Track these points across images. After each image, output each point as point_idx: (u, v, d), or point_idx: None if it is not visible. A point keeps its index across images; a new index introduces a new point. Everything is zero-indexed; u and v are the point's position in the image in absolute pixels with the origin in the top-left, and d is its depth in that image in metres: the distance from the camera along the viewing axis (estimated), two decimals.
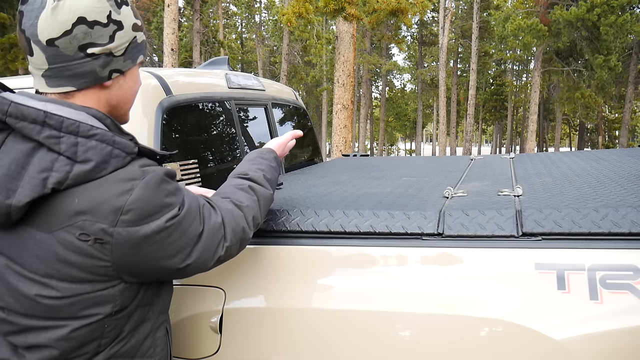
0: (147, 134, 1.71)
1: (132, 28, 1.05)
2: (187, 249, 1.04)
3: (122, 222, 0.93)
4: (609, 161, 2.17)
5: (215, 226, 1.10)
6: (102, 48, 0.99)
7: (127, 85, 1.10)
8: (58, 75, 0.99)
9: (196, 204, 1.09)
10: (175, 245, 1.02)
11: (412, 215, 1.30)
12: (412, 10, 11.38)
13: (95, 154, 0.94)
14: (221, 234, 1.12)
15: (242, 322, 1.31)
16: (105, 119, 1.01)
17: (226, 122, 2.28)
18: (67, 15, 0.95)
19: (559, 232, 1.19)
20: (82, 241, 0.92)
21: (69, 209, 0.92)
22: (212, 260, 1.10)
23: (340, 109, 10.87)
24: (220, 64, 2.68)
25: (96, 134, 0.96)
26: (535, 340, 1.12)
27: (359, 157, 3.18)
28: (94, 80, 1.02)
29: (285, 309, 1.30)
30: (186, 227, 1.03)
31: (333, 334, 1.25)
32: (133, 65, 1.09)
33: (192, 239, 1.05)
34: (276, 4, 32.41)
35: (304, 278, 1.32)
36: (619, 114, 31.84)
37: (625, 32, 18.38)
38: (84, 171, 0.93)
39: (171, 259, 1.02)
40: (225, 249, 1.12)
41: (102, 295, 0.98)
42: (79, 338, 0.98)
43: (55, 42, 0.96)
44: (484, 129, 54.63)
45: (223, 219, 1.14)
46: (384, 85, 36.33)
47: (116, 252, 0.95)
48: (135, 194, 0.95)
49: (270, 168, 1.36)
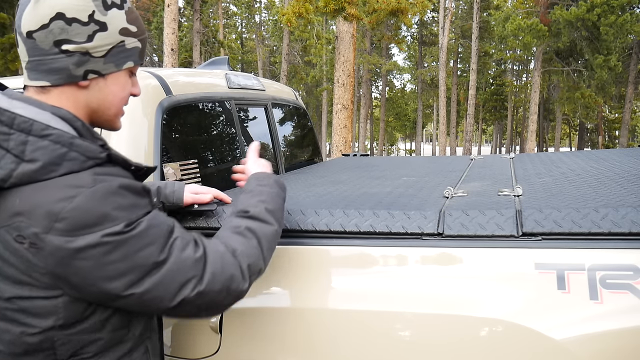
0: (147, 134, 1.71)
1: (119, 32, 1.02)
2: (132, 276, 0.93)
3: (55, 230, 0.88)
4: (609, 161, 2.17)
5: (186, 262, 0.99)
6: (78, 46, 0.98)
7: (108, 90, 1.05)
8: (35, 69, 0.99)
9: (162, 230, 0.99)
10: (116, 267, 0.92)
11: (412, 215, 1.30)
12: (412, 10, 11.38)
13: (44, 154, 0.91)
14: (194, 274, 0.99)
15: (242, 322, 1.31)
16: (75, 121, 0.98)
17: (226, 122, 2.28)
18: (47, 9, 0.95)
19: (559, 232, 1.19)
20: (19, 243, 0.90)
21: (10, 208, 0.90)
22: (173, 299, 0.97)
23: (340, 109, 10.87)
24: (220, 64, 2.68)
25: (50, 134, 0.93)
26: (535, 340, 1.12)
27: (359, 156, 3.18)
28: (67, 78, 0.99)
29: (285, 309, 1.30)
30: (134, 250, 0.93)
31: (333, 334, 1.25)
32: (117, 70, 1.05)
33: (142, 266, 0.94)
34: (276, 4, 32.41)
35: (304, 278, 1.32)
36: (619, 114, 31.84)
37: (625, 32, 18.38)
38: (30, 171, 0.90)
39: (110, 282, 0.92)
40: (197, 292, 0.99)
41: (44, 304, 0.93)
42: (25, 345, 0.94)
43: (33, 35, 0.96)
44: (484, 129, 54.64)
45: (205, 258, 1.03)
46: (384, 85, 36.33)
47: (50, 260, 0.90)
48: (76, 202, 0.89)
49: (273, 196, 1.24)
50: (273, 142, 2.71)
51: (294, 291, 1.32)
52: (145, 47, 1.12)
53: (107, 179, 0.94)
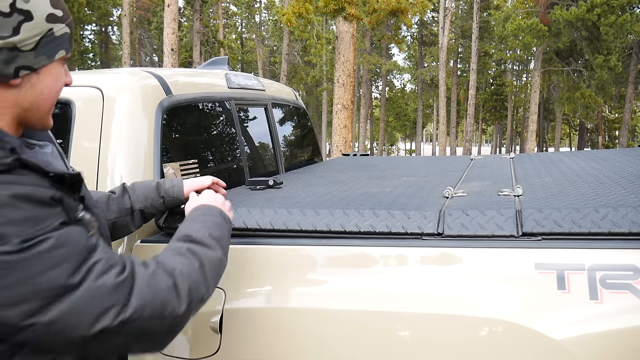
0: (147, 134, 1.71)
1: (46, 19, 0.91)
2: (33, 303, 0.79)
3: None
4: (609, 161, 2.17)
5: (104, 287, 0.84)
6: (3, 41, 0.86)
7: (41, 85, 0.94)
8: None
9: (75, 250, 0.84)
10: (10, 292, 0.78)
11: (412, 215, 1.30)
12: (412, 10, 11.38)
13: None
14: (115, 301, 0.84)
15: (242, 322, 1.31)
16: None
17: (226, 122, 2.28)
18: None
19: (559, 232, 1.19)
20: None
21: None
22: (90, 328, 0.82)
23: (340, 109, 10.87)
24: (220, 64, 2.68)
25: None
26: (535, 340, 1.12)
27: (359, 156, 3.18)
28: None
29: (285, 308, 1.30)
30: (33, 272, 0.79)
31: (333, 334, 1.25)
32: (49, 62, 0.94)
33: (46, 291, 0.80)
34: (276, 4, 32.41)
35: (304, 278, 1.32)
36: (619, 114, 31.84)
37: (625, 32, 18.38)
38: None
39: (11, 308, 0.78)
40: (120, 321, 0.84)
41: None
42: None
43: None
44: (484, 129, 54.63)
45: (133, 281, 0.88)
46: (384, 85, 36.33)
47: None
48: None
49: (217, 224, 1.14)
50: (273, 142, 2.71)
51: (294, 291, 1.32)
52: (73, 31, 1.00)
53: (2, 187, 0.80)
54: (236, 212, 1.40)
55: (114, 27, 34.08)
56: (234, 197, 1.61)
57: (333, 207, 1.38)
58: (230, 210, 1.27)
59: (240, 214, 1.39)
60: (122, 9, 21.90)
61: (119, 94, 1.73)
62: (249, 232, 1.38)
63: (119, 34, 29.16)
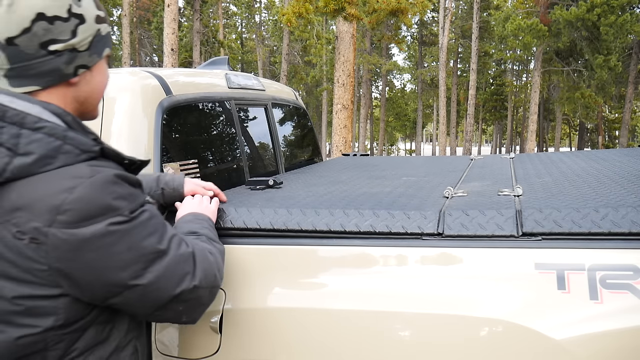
0: (147, 134, 1.71)
1: (95, 20, 1.00)
2: (138, 265, 0.94)
3: (58, 223, 0.87)
4: (609, 161, 2.17)
5: (184, 255, 1.02)
6: (65, 44, 0.95)
7: (94, 80, 1.04)
8: (21, 75, 0.94)
9: (160, 220, 1.01)
10: (122, 257, 0.92)
11: (412, 215, 1.30)
12: (412, 10, 11.38)
13: (38, 147, 0.89)
14: (189, 268, 1.02)
15: (242, 322, 1.31)
16: (66, 115, 0.96)
17: (226, 122, 2.28)
18: (25, 11, 0.90)
19: (559, 232, 1.19)
20: (18, 239, 0.87)
21: (8, 203, 0.88)
22: (174, 289, 0.99)
23: (340, 109, 10.87)
24: (220, 64, 2.68)
25: (43, 126, 0.91)
26: (535, 340, 1.12)
27: (359, 156, 3.18)
28: (60, 78, 0.97)
29: (285, 308, 1.30)
30: (138, 239, 0.94)
31: (333, 334, 1.25)
32: (99, 59, 1.04)
33: (146, 255, 0.95)
34: (276, 4, 32.40)
35: (304, 278, 1.32)
36: (619, 114, 31.84)
37: (625, 32, 18.38)
38: (25, 164, 0.88)
39: (117, 272, 0.92)
40: (193, 287, 1.01)
41: (43, 305, 0.90)
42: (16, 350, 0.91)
43: (14, 41, 0.91)
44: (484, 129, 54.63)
45: (194, 254, 1.05)
46: (384, 85, 36.33)
47: (52, 255, 0.87)
48: (77, 193, 0.88)
49: (211, 228, 1.28)
50: (273, 142, 2.71)
51: (294, 291, 1.32)
52: None
53: (100, 169, 0.93)
54: (236, 212, 1.40)
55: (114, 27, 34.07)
56: (234, 197, 1.61)
57: (333, 207, 1.38)
58: (214, 213, 1.36)
59: (240, 214, 1.39)
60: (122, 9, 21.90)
61: (119, 93, 1.73)
62: (249, 232, 1.38)
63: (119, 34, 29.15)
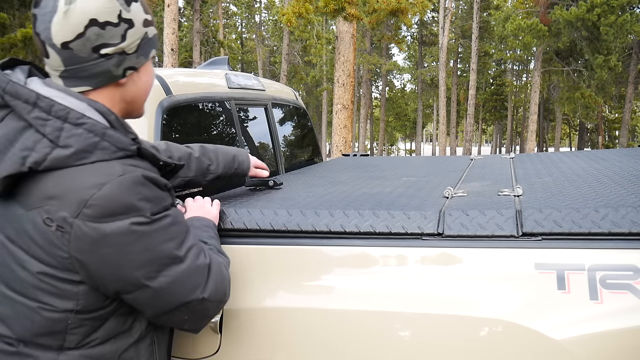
0: (147, 134, 1.71)
1: (142, 24, 1.05)
2: (152, 267, 0.98)
3: (83, 215, 0.92)
4: (609, 161, 2.17)
5: (199, 266, 1.05)
6: (115, 48, 1.00)
7: (141, 81, 1.10)
8: (74, 76, 1.01)
9: (182, 228, 1.04)
10: (138, 257, 0.96)
11: (412, 215, 1.29)
12: (412, 10, 11.38)
13: (77, 141, 0.95)
14: (202, 280, 1.05)
15: (242, 322, 1.31)
16: (110, 114, 1.02)
17: (226, 122, 2.28)
18: (79, 18, 0.96)
19: (559, 232, 1.19)
20: (47, 225, 0.93)
21: (43, 191, 0.94)
22: (185, 297, 1.02)
23: (340, 109, 10.87)
24: (220, 64, 2.68)
25: (85, 122, 0.96)
26: (535, 340, 1.12)
27: (359, 157, 3.18)
28: (109, 79, 1.03)
29: (285, 308, 1.30)
30: (156, 242, 0.98)
31: (333, 334, 1.25)
32: (146, 61, 1.09)
33: (162, 259, 0.99)
34: (276, 4, 32.40)
35: (304, 278, 1.32)
36: (619, 114, 31.83)
37: (625, 32, 18.37)
38: (63, 156, 0.94)
39: (131, 271, 0.97)
40: (202, 298, 1.04)
41: (65, 288, 0.97)
42: (39, 324, 0.98)
43: (69, 45, 0.97)
44: (484, 129, 54.63)
45: (210, 267, 1.08)
46: (384, 85, 36.33)
47: (73, 245, 0.93)
48: (106, 190, 0.93)
49: (217, 237, 1.30)
50: (273, 142, 2.71)
51: (294, 291, 1.32)
52: None
53: (132, 169, 0.97)
54: (236, 213, 1.40)
55: None
56: (234, 198, 1.61)
57: (333, 208, 1.38)
58: (217, 217, 1.37)
59: (240, 214, 1.39)
60: None
61: None
62: (249, 233, 1.38)
63: None
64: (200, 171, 1.50)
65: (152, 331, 1.12)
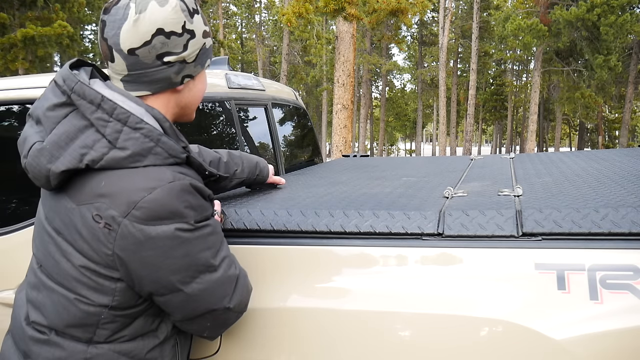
0: None
1: (202, 35, 1.10)
2: (188, 273, 1.02)
3: (131, 216, 0.96)
4: (609, 161, 2.17)
5: (230, 277, 1.09)
6: (177, 56, 1.05)
7: (196, 88, 1.16)
8: (136, 81, 1.06)
9: (219, 238, 1.09)
10: (177, 262, 1.00)
11: (412, 215, 1.29)
12: (412, 10, 11.37)
13: (133, 145, 0.99)
14: (230, 290, 1.09)
15: (242, 322, 1.31)
16: (165, 121, 1.06)
17: (226, 122, 2.28)
18: (148, 27, 1.01)
19: (559, 232, 1.19)
20: (95, 222, 0.97)
21: (95, 188, 0.98)
22: (213, 305, 1.06)
23: (340, 109, 10.87)
24: (220, 64, 2.67)
25: (143, 127, 1.01)
26: (535, 341, 1.12)
27: (359, 157, 3.18)
28: (168, 85, 1.08)
29: (285, 309, 1.30)
30: (195, 250, 1.02)
31: (333, 334, 1.25)
32: (202, 70, 1.14)
33: (198, 266, 1.03)
34: (276, 4, 32.40)
35: (304, 278, 1.32)
36: (619, 114, 31.83)
37: (625, 32, 18.37)
38: (119, 157, 0.98)
39: (168, 275, 1.00)
40: (227, 308, 1.08)
41: (104, 283, 1.01)
42: (73, 315, 1.02)
43: (135, 52, 1.02)
44: (484, 129, 54.63)
45: (238, 278, 1.12)
46: (384, 85, 36.32)
47: (118, 243, 0.97)
48: (155, 194, 0.97)
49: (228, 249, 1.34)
50: (273, 142, 2.71)
51: (294, 291, 1.32)
52: None
53: (181, 176, 1.02)
54: (236, 213, 1.40)
55: None
56: (234, 198, 1.61)
57: (333, 208, 1.38)
58: (221, 220, 1.37)
59: (241, 215, 1.39)
60: None
61: None
62: (249, 233, 1.38)
63: None
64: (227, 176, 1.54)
65: (176, 334, 1.16)
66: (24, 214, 1.67)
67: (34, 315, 1.07)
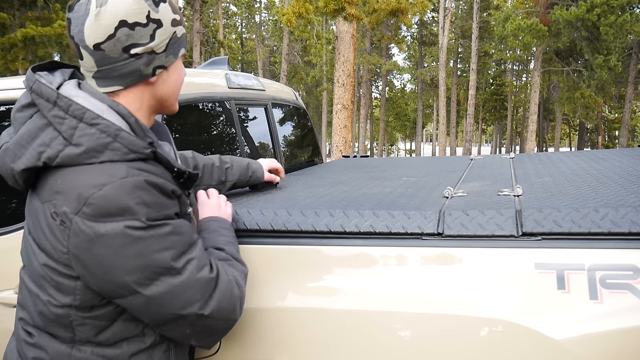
0: None
1: (171, 24, 1.07)
2: (144, 274, 0.97)
3: (82, 213, 0.94)
4: (609, 161, 2.17)
5: (200, 280, 1.02)
6: (144, 47, 1.03)
7: (170, 79, 1.13)
8: (106, 76, 1.04)
9: (183, 240, 1.02)
10: (130, 261, 0.96)
11: (412, 215, 1.30)
12: (412, 10, 11.37)
13: (88, 141, 0.98)
14: (202, 294, 1.02)
15: (242, 322, 1.31)
16: (130, 117, 1.04)
17: (226, 122, 2.28)
18: (110, 20, 0.99)
19: (559, 232, 1.19)
20: (53, 219, 0.97)
21: (53, 186, 0.98)
22: (178, 311, 1.00)
23: (340, 109, 10.87)
24: (220, 64, 2.67)
25: (99, 123, 0.99)
26: (535, 340, 1.12)
27: (359, 158, 3.18)
28: (139, 78, 1.06)
29: (285, 308, 1.30)
30: (150, 249, 0.96)
31: (333, 334, 1.25)
32: (175, 60, 1.12)
33: (154, 268, 0.97)
34: (276, 4, 32.40)
35: (304, 278, 1.32)
36: (619, 114, 31.82)
37: (625, 32, 18.37)
38: (73, 154, 0.97)
39: (122, 275, 0.96)
40: (201, 314, 1.02)
41: (63, 282, 1.00)
42: (47, 315, 1.03)
43: (101, 46, 1.01)
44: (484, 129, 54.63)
45: (217, 284, 1.05)
46: (384, 85, 36.32)
47: (72, 240, 0.96)
48: (105, 190, 0.94)
49: (235, 239, 1.28)
50: (273, 142, 2.71)
51: (294, 291, 1.32)
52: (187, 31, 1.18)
53: (136, 172, 0.98)
54: (237, 213, 1.40)
55: None
56: (234, 198, 1.61)
57: (333, 208, 1.38)
58: (231, 217, 1.36)
59: (241, 215, 1.39)
60: None
61: None
62: (249, 233, 1.38)
63: None
64: (219, 180, 1.58)
65: (169, 339, 1.11)
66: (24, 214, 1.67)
67: (21, 313, 1.09)
